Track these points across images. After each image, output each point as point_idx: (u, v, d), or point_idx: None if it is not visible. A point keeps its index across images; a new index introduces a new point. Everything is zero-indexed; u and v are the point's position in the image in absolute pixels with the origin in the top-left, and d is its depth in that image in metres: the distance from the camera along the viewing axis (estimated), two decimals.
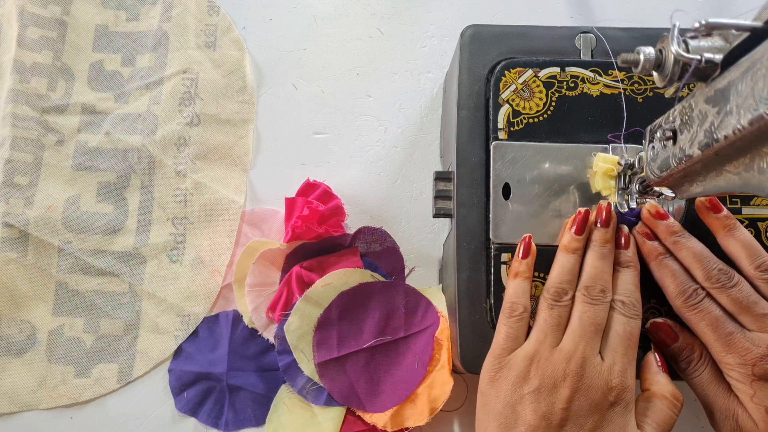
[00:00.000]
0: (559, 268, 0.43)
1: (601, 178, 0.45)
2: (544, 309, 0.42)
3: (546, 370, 0.40)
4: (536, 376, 0.40)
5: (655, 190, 0.41)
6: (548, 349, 0.41)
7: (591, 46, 0.50)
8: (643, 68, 0.33)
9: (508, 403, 0.40)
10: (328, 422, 0.53)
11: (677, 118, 0.35)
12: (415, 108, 0.62)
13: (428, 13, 0.64)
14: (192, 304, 0.57)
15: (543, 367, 0.40)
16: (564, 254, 0.44)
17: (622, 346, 0.41)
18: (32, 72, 0.61)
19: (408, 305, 0.55)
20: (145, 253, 0.58)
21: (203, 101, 0.61)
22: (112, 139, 0.61)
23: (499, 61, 0.49)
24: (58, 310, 0.57)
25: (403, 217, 0.59)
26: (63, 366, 0.56)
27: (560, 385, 0.40)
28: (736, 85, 0.28)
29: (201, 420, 0.55)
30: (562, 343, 0.41)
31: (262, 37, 0.64)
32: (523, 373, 0.41)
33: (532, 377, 0.40)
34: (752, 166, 0.29)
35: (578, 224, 0.44)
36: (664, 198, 0.42)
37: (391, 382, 0.53)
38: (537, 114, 0.48)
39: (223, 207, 0.59)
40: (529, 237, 0.45)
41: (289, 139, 0.62)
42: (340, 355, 0.53)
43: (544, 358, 0.41)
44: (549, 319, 0.42)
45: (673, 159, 0.35)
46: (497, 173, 0.47)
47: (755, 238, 0.43)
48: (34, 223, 0.57)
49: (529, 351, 0.41)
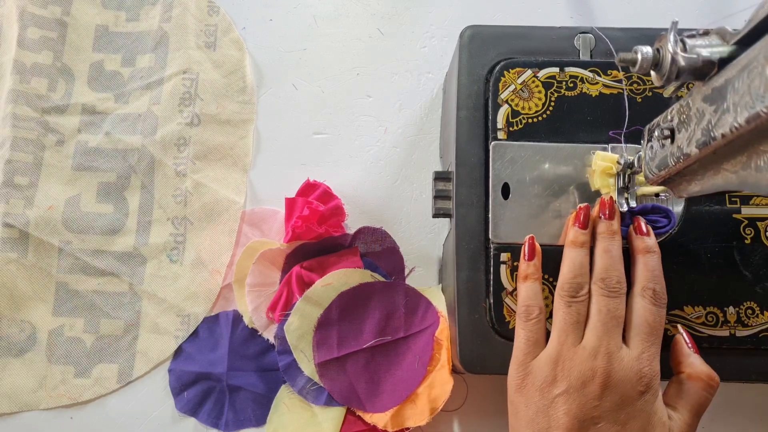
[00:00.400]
0: (570, 263, 0.43)
1: (600, 177, 0.45)
2: (562, 307, 0.42)
3: (572, 371, 0.40)
4: (563, 378, 0.40)
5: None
6: (571, 348, 0.41)
7: (590, 46, 0.50)
8: (641, 67, 0.33)
9: (538, 409, 0.40)
10: (328, 422, 0.53)
11: (675, 117, 0.35)
12: (415, 108, 0.62)
13: (428, 13, 0.64)
14: (192, 304, 0.57)
15: (569, 368, 0.40)
16: (572, 249, 0.43)
17: (652, 335, 0.41)
18: (32, 72, 0.62)
19: (408, 305, 0.55)
20: (145, 253, 0.58)
21: (203, 101, 0.61)
22: (112, 139, 0.61)
23: (498, 61, 0.50)
24: (58, 310, 0.57)
25: (403, 217, 0.59)
26: (63, 366, 0.56)
27: (590, 383, 0.39)
28: (733, 83, 0.29)
29: (201, 420, 0.55)
30: (585, 340, 0.41)
31: (262, 37, 0.64)
32: (550, 377, 0.40)
33: (559, 380, 0.40)
34: (749, 164, 0.29)
35: (582, 219, 0.43)
36: (667, 197, 0.43)
37: (392, 382, 0.53)
38: (536, 114, 0.48)
39: (223, 207, 0.59)
40: (531, 238, 0.45)
41: (289, 139, 0.62)
42: (340, 355, 0.53)
43: (569, 358, 0.40)
44: (567, 317, 0.41)
45: (671, 158, 0.35)
46: (496, 173, 0.47)
47: (755, 238, 0.43)
48: (35, 223, 0.58)
49: (552, 353, 0.41)
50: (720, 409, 0.53)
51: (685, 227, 0.46)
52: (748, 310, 0.45)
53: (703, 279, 0.45)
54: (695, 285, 0.45)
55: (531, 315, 0.42)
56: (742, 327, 0.45)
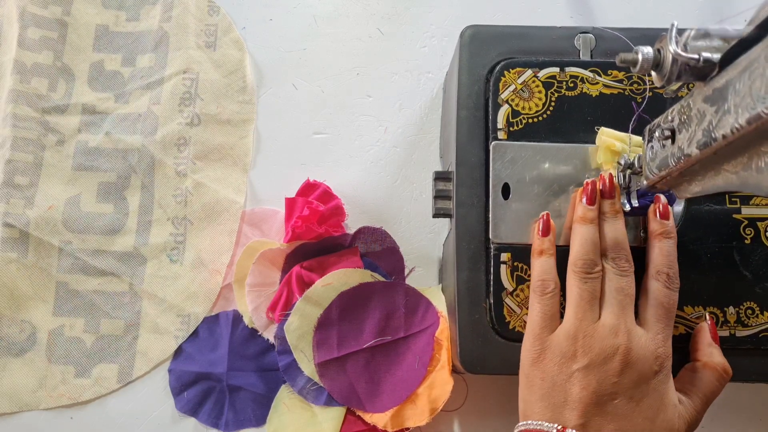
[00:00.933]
0: (581, 239, 0.43)
1: (603, 152, 0.46)
2: (577, 283, 0.42)
3: (593, 347, 0.40)
4: (584, 354, 0.40)
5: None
6: (590, 324, 0.41)
7: (590, 46, 0.50)
8: (641, 68, 0.33)
9: (555, 382, 0.40)
10: (328, 422, 0.53)
11: (676, 118, 0.35)
12: (415, 108, 0.62)
13: (428, 13, 0.64)
14: (192, 304, 0.57)
15: (589, 345, 0.40)
16: (582, 225, 0.43)
17: (665, 317, 0.41)
18: (33, 72, 0.61)
19: (408, 305, 0.55)
20: (145, 253, 0.58)
21: (203, 101, 0.61)
22: (113, 139, 0.61)
23: (498, 61, 0.50)
24: (58, 310, 0.57)
25: (403, 217, 0.59)
26: (63, 366, 0.56)
27: (610, 359, 0.40)
28: (734, 84, 0.29)
29: (201, 420, 0.55)
30: (604, 318, 0.41)
31: (262, 37, 0.64)
32: (570, 352, 0.41)
33: (579, 355, 0.40)
34: (750, 165, 0.29)
35: (589, 194, 0.44)
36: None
37: (392, 382, 0.53)
38: (536, 114, 0.48)
39: (224, 207, 0.59)
40: (547, 214, 0.45)
41: (289, 139, 0.62)
42: (340, 355, 0.53)
43: (589, 335, 0.41)
44: (584, 294, 0.41)
45: (672, 158, 0.35)
46: (497, 173, 0.47)
47: (755, 239, 0.43)
48: (35, 223, 0.58)
49: (571, 329, 0.41)
50: (720, 409, 0.53)
51: (685, 227, 0.46)
52: (748, 310, 0.45)
53: (703, 279, 0.45)
54: (695, 285, 0.45)
55: (547, 289, 0.43)
56: (742, 327, 0.45)
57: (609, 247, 0.43)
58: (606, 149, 0.46)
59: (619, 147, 0.45)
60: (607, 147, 0.45)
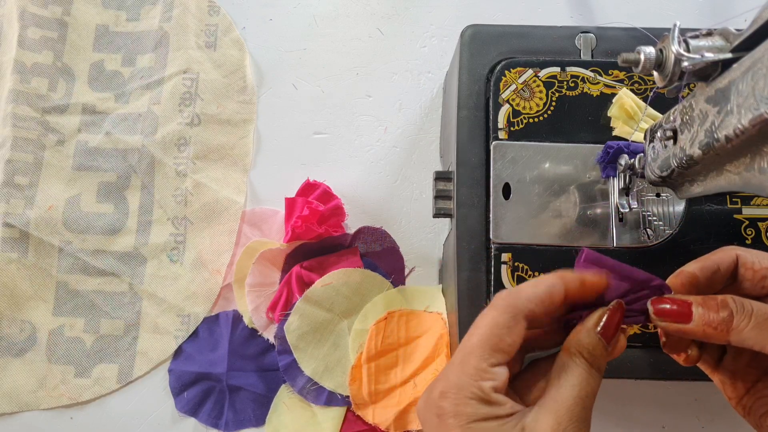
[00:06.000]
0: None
1: (618, 108, 0.47)
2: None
3: None
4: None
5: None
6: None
7: (591, 46, 0.50)
8: (643, 68, 0.33)
9: None
10: (328, 422, 0.53)
11: (678, 118, 0.35)
12: (415, 108, 0.62)
13: (428, 13, 0.64)
14: (192, 304, 0.57)
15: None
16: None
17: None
18: (33, 72, 0.61)
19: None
20: (145, 253, 0.58)
21: (203, 101, 0.61)
22: (113, 139, 0.60)
23: (499, 60, 0.49)
24: (58, 310, 0.57)
25: (403, 217, 0.59)
26: (63, 366, 0.56)
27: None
28: (737, 84, 0.28)
29: (201, 420, 0.55)
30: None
31: (262, 37, 0.64)
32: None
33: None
34: (753, 166, 0.29)
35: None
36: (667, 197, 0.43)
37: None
38: (537, 114, 0.48)
39: (224, 207, 0.59)
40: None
41: (289, 139, 0.62)
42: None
43: None
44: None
45: (674, 159, 0.35)
46: (497, 173, 0.47)
47: (756, 239, 0.43)
48: (35, 223, 0.57)
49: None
50: (720, 409, 0.53)
51: (686, 227, 0.46)
52: None
53: None
54: None
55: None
56: None
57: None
58: (620, 106, 0.46)
59: (631, 110, 0.46)
60: (622, 104, 0.46)
